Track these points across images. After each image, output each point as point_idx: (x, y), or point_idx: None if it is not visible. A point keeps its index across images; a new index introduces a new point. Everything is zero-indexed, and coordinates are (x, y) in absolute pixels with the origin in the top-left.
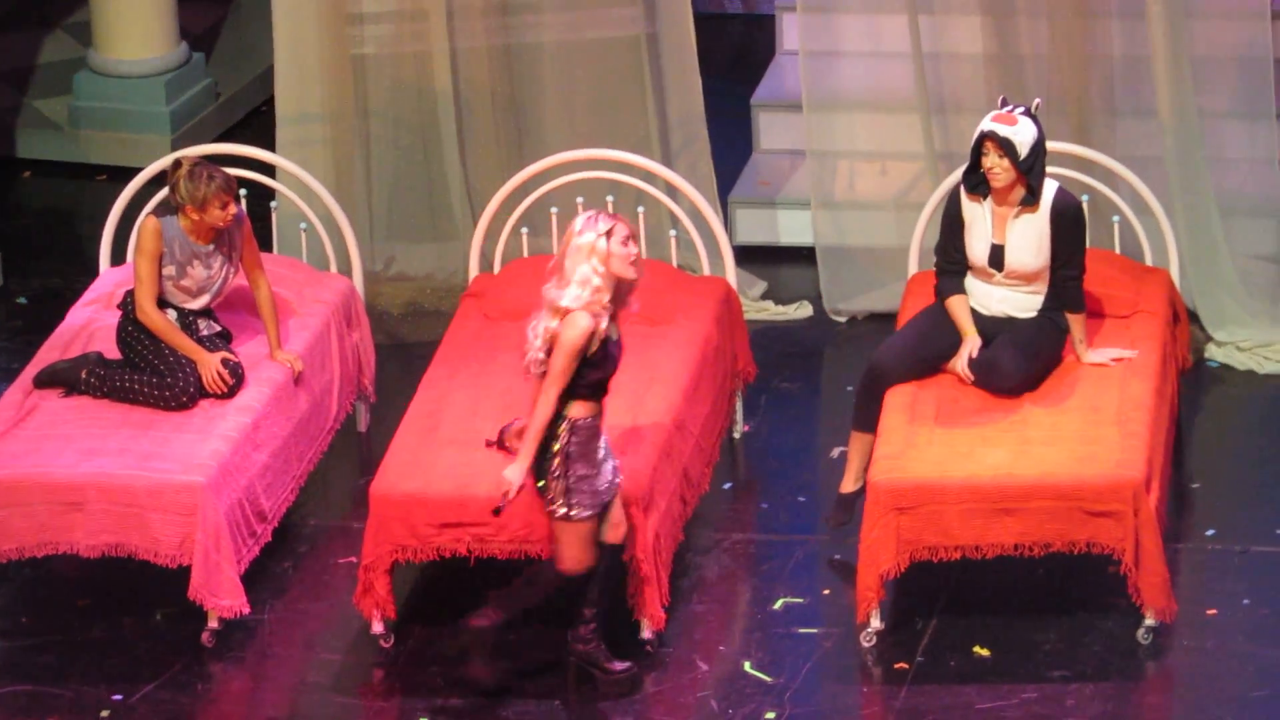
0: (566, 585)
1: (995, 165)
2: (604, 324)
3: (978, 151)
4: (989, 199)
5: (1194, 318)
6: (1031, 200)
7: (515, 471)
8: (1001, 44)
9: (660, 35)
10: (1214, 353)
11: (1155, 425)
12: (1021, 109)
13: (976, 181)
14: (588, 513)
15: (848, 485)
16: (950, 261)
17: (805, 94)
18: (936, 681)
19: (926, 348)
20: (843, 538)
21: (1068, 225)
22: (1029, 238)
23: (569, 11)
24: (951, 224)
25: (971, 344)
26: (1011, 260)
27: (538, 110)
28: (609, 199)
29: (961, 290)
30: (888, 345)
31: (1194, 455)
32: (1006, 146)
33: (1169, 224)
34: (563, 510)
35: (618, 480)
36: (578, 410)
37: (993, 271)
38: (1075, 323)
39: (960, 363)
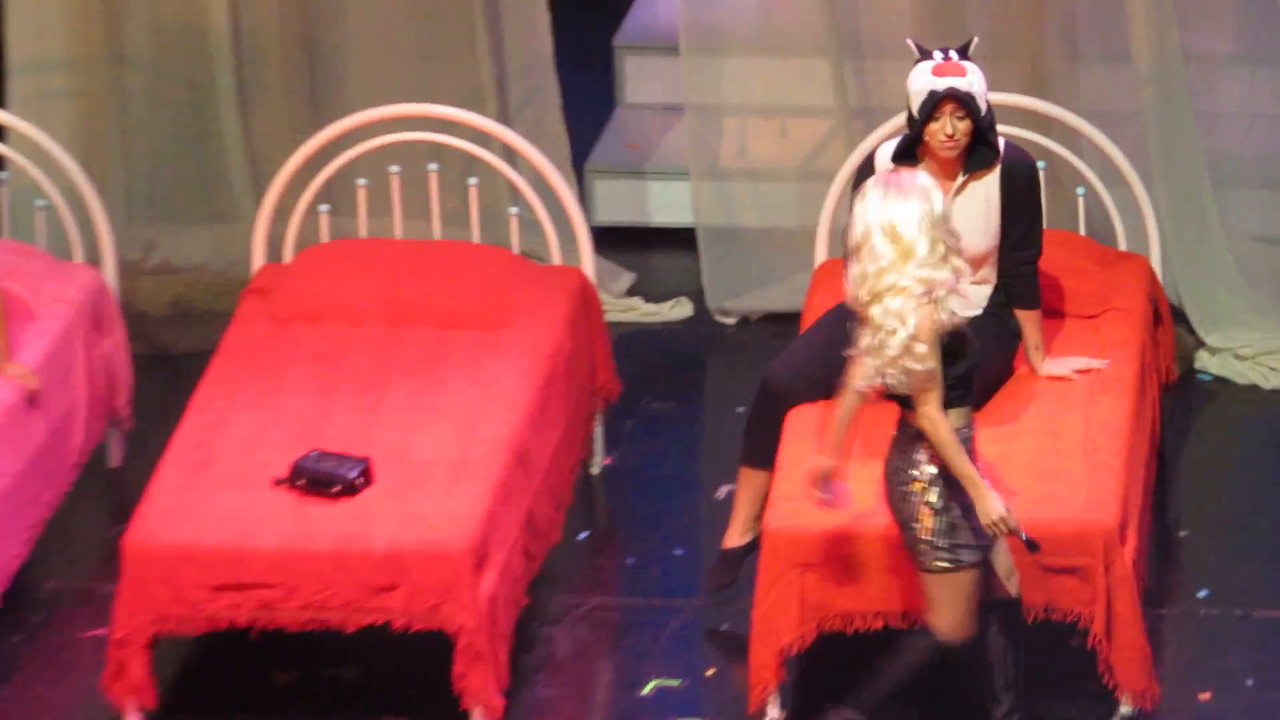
0: (939, 657)
1: (956, 130)
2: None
3: (926, 118)
4: (918, 170)
5: (1180, 317)
6: (993, 158)
7: (994, 503)
8: None
9: None
10: (1206, 362)
11: (1132, 456)
12: (956, 53)
13: (904, 152)
14: (976, 556)
15: (734, 538)
16: None
17: (683, 33)
18: None
19: (838, 356)
20: (731, 603)
21: (1021, 189)
22: (975, 211)
23: None
24: None
25: None
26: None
27: (340, 56)
28: (431, 167)
29: None
30: (789, 354)
31: (1182, 494)
32: (970, 105)
33: (1148, 197)
34: (946, 560)
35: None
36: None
37: None
38: (1029, 323)
39: None
